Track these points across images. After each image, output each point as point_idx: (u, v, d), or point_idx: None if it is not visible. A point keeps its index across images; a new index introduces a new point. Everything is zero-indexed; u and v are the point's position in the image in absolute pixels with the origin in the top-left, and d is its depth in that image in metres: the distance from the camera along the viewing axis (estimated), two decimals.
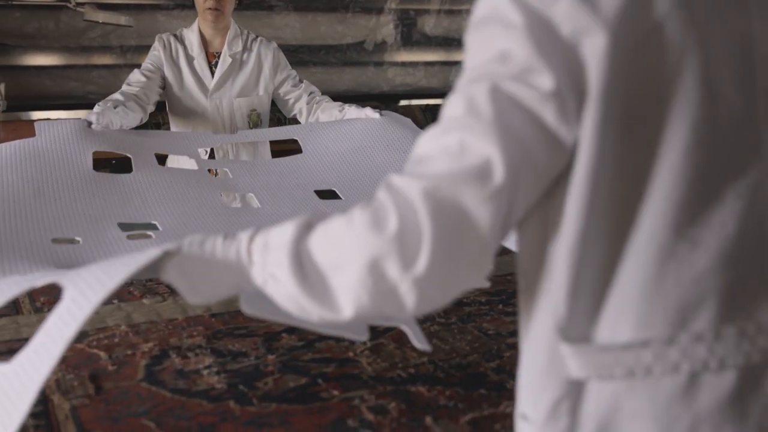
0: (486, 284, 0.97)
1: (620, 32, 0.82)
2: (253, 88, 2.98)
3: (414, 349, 1.87)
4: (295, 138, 2.59)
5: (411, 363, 2.01)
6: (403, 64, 5.58)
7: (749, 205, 0.86)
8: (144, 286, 2.61)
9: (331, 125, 2.64)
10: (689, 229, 0.85)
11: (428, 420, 1.43)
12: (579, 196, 0.84)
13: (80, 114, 4.62)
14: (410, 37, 5.60)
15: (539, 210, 0.90)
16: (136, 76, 2.86)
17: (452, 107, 0.88)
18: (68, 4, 3.61)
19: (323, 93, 3.13)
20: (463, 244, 0.84)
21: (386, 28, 5.50)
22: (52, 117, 4.44)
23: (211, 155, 2.84)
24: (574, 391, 0.89)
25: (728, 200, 0.85)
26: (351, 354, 2.15)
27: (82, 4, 3.63)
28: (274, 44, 3.07)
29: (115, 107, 2.52)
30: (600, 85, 0.82)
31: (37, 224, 1.80)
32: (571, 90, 0.83)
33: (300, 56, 5.21)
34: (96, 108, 2.51)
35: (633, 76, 0.83)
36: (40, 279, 1.21)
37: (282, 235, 0.94)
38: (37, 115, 4.59)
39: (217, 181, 2.28)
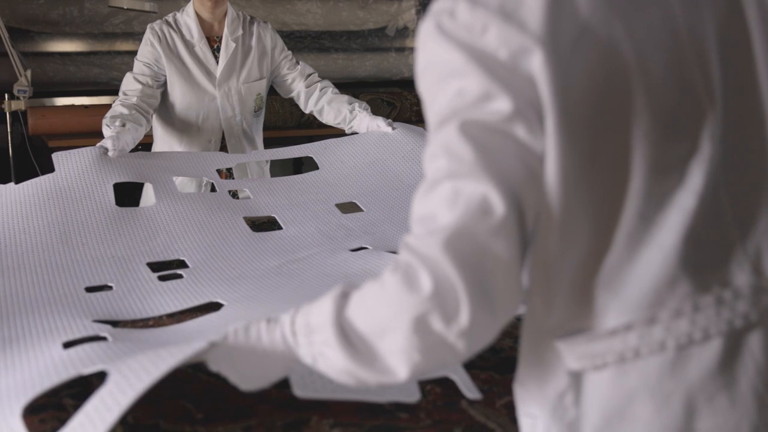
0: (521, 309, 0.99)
1: (551, 42, 0.84)
2: (258, 72, 2.86)
3: None
4: (310, 155, 2.59)
5: None
6: None
7: (705, 180, 0.88)
8: None
9: (346, 141, 2.63)
10: (655, 214, 0.88)
11: (464, 403, 1.44)
12: (552, 199, 0.86)
13: (103, 100, 4.65)
14: None
15: None
16: (131, 84, 2.69)
17: (432, 160, 0.90)
18: None
19: (345, 79, 3.08)
20: (493, 281, 0.86)
21: (408, 13, 5.50)
22: (76, 103, 4.47)
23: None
24: (575, 383, 0.92)
25: (687, 180, 0.88)
26: None
27: None
28: (270, 25, 2.96)
29: (123, 125, 2.47)
30: (550, 96, 0.84)
31: (69, 274, 1.83)
32: (530, 106, 0.85)
33: (322, 42, 5.22)
34: (107, 131, 2.46)
35: (576, 81, 0.85)
36: (88, 368, 1.22)
37: (321, 312, 0.96)
38: (61, 101, 4.61)
39: (239, 204, 2.28)
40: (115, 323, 1.61)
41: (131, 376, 1.07)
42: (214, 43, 2.83)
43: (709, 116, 0.90)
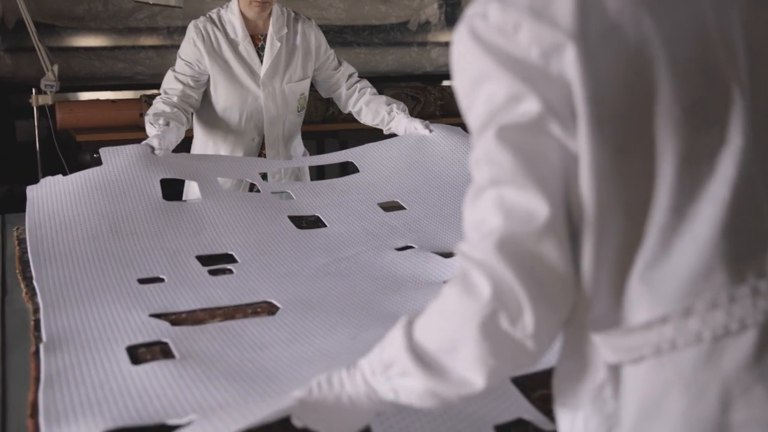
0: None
1: (582, 38, 0.86)
2: (302, 72, 2.82)
3: None
4: (350, 161, 2.59)
5: None
6: (447, 44, 5.54)
7: (738, 170, 0.89)
8: None
9: (384, 145, 2.63)
10: (688, 206, 0.88)
11: None
12: (586, 194, 0.88)
13: (127, 94, 4.68)
14: (454, 17, 5.58)
15: None
16: (172, 83, 2.67)
17: (476, 166, 0.92)
18: None
19: (367, 73, 3.07)
20: (549, 279, 0.88)
21: (430, 8, 5.49)
22: (101, 98, 4.50)
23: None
24: (614, 376, 0.93)
25: (719, 170, 0.89)
26: None
27: None
28: (314, 22, 2.91)
29: (167, 123, 2.47)
30: (582, 91, 0.86)
31: (120, 263, 1.85)
32: (561, 104, 0.87)
33: (344, 36, 5.22)
34: (151, 129, 2.47)
35: (606, 76, 0.87)
36: (180, 419, 1.23)
37: (393, 344, 0.99)
38: (86, 96, 4.64)
39: (282, 203, 2.30)
40: (170, 315, 1.62)
41: (218, 422, 1.09)
42: (258, 41, 2.77)
43: (739, 107, 0.90)
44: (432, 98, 4.74)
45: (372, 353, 1.05)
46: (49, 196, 2.09)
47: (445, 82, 5.55)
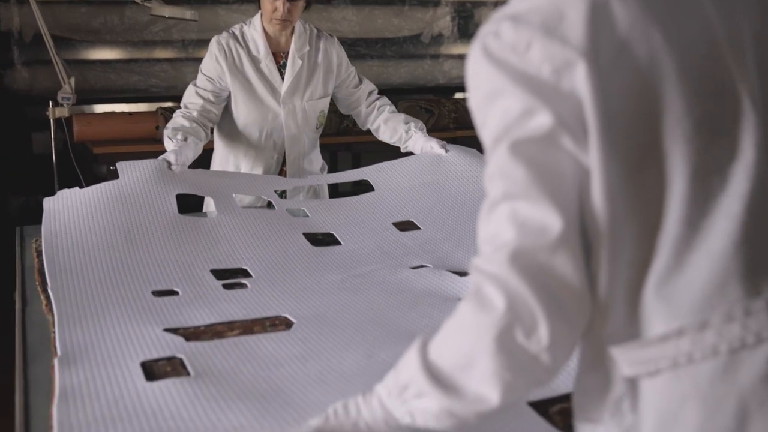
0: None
1: (593, 56, 0.87)
2: (323, 90, 2.81)
3: None
4: (366, 179, 2.60)
5: None
6: (460, 56, 5.58)
7: (751, 185, 0.89)
8: None
9: (400, 164, 2.64)
10: (700, 220, 0.88)
11: None
12: (598, 208, 0.88)
13: (142, 107, 4.71)
14: (467, 29, 5.61)
15: None
16: (193, 97, 2.68)
17: (490, 181, 0.93)
18: (135, 0, 3.67)
19: (380, 86, 3.06)
20: (563, 292, 0.89)
21: (443, 20, 5.51)
22: (116, 110, 4.53)
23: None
24: (632, 389, 0.93)
25: (732, 184, 0.89)
26: None
27: None
28: (335, 38, 2.88)
29: (185, 138, 2.49)
30: (592, 107, 0.86)
31: (135, 275, 1.87)
32: (573, 119, 0.87)
33: (357, 49, 5.25)
34: (169, 144, 2.48)
35: (617, 92, 0.87)
36: None
37: (408, 366, 1.00)
38: (101, 108, 4.68)
39: (297, 220, 2.31)
40: (185, 330, 1.63)
41: None
42: (280, 58, 2.77)
43: (750, 121, 0.91)
44: (446, 111, 4.76)
45: (388, 376, 1.05)
46: (66, 208, 2.11)
47: (458, 95, 5.56)
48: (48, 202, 2.14)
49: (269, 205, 2.56)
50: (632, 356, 0.91)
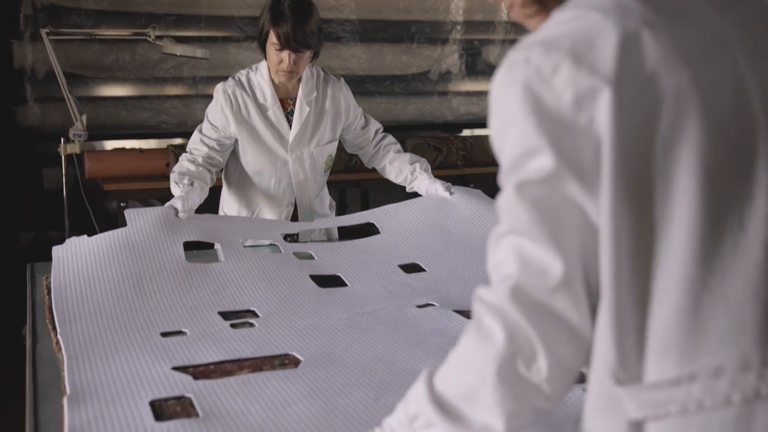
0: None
1: (619, 84, 0.87)
2: (331, 135, 2.78)
3: None
4: (372, 222, 2.62)
5: None
6: (468, 93, 5.62)
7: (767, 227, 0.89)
8: None
9: (405, 206, 2.66)
10: (716, 259, 0.87)
11: None
12: (605, 242, 0.88)
13: (152, 143, 4.75)
14: (475, 66, 5.65)
15: None
16: (198, 144, 2.65)
17: (500, 211, 0.95)
18: (147, 38, 3.72)
19: (389, 122, 3.07)
20: (561, 331, 0.91)
21: (451, 58, 5.56)
22: (126, 146, 4.57)
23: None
24: (637, 431, 0.92)
25: (749, 228, 0.88)
26: None
27: (160, 38, 3.74)
28: (342, 81, 2.83)
29: (191, 183, 2.51)
30: (611, 140, 0.86)
31: (143, 320, 1.89)
32: (582, 158, 0.88)
33: (366, 86, 5.30)
34: (176, 189, 2.50)
35: (638, 125, 0.87)
36: None
37: (416, 397, 1.02)
38: (111, 144, 4.71)
39: (304, 263, 2.33)
40: (194, 368, 1.64)
41: None
42: (287, 105, 2.72)
43: (765, 168, 0.90)
44: (454, 148, 4.78)
45: (397, 409, 1.07)
46: (74, 257, 2.13)
47: (466, 131, 5.59)
48: (57, 251, 2.16)
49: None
50: (641, 398, 0.90)
